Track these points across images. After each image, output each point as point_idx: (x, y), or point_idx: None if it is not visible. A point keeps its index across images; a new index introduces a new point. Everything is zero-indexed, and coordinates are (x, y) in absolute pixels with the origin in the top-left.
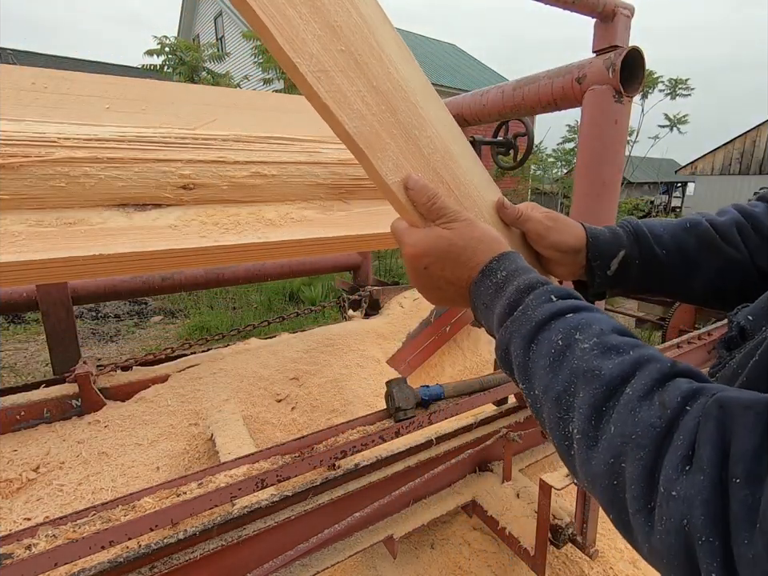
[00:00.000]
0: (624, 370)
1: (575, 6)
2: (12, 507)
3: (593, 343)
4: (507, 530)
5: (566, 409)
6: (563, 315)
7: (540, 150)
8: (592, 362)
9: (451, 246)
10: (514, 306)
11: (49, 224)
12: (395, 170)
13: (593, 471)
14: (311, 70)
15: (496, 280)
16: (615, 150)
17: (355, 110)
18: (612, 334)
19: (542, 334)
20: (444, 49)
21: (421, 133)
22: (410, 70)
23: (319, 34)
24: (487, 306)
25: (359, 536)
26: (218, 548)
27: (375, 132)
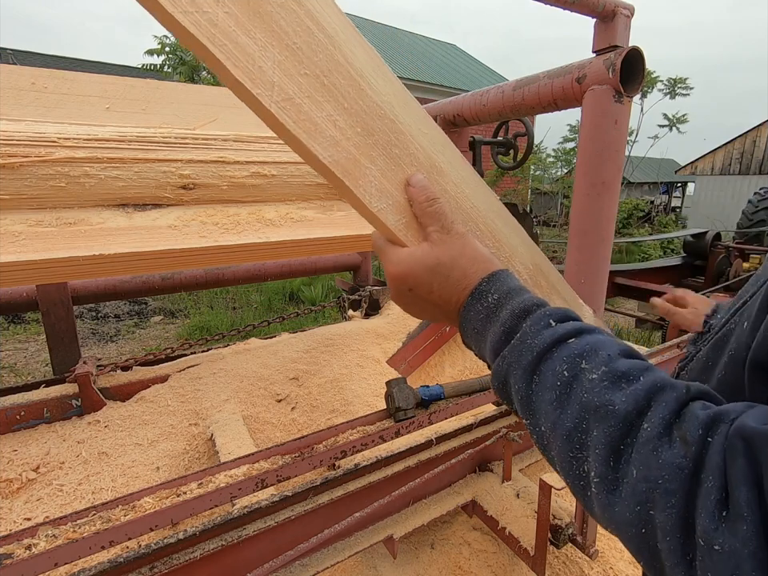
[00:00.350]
0: (638, 402)
1: (575, 6)
2: (12, 507)
3: (601, 373)
4: (507, 530)
5: (578, 447)
6: (565, 341)
7: (540, 150)
8: (603, 395)
9: (439, 266)
10: (509, 333)
11: (49, 224)
12: (379, 195)
13: (617, 518)
14: (275, 101)
15: (487, 304)
16: (615, 149)
17: (328, 138)
18: (620, 358)
19: (544, 364)
20: (444, 49)
21: (402, 151)
22: (383, 81)
23: (279, 59)
24: (478, 331)
25: (359, 536)
26: (218, 548)
27: (353, 158)
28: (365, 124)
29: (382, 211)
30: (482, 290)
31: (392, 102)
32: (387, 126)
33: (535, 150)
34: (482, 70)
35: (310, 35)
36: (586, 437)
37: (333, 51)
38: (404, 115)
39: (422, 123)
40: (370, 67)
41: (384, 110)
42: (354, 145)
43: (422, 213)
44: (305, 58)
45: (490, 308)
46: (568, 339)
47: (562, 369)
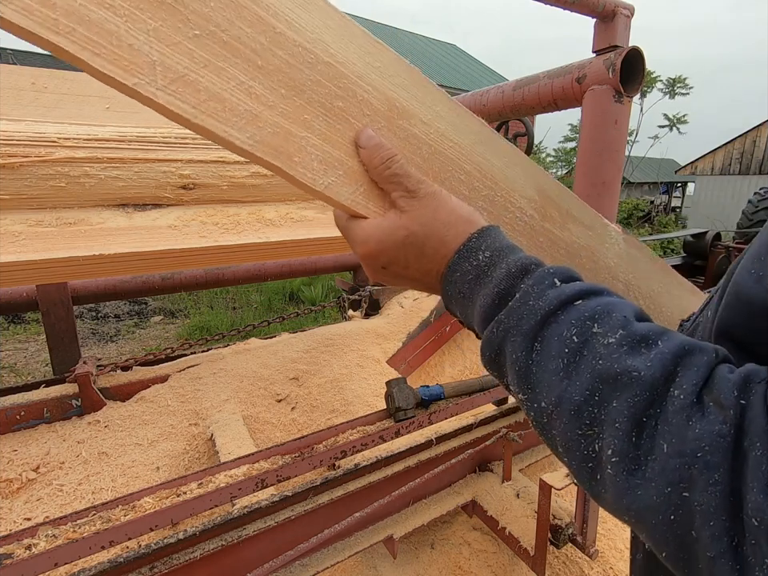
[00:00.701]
0: (666, 366)
1: (575, 6)
2: (12, 507)
3: (619, 336)
4: (507, 530)
5: (589, 423)
6: (572, 303)
7: (540, 150)
8: (624, 360)
9: (410, 237)
10: (505, 295)
11: (49, 224)
12: (324, 168)
13: (639, 504)
14: (161, 87)
15: (477, 262)
16: (615, 149)
17: (243, 114)
18: (636, 321)
19: (548, 328)
20: (444, 49)
21: (348, 101)
22: (306, 12)
23: (154, 25)
24: (465, 295)
25: (359, 536)
26: (218, 548)
27: (281, 131)
28: (290, 80)
29: (332, 186)
30: (471, 247)
31: (324, 39)
32: (322, 74)
33: (535, 149)
34: (482, 70)
35: None
36: (599, 410)
37: None
38: (344, 50)
39: (370, 53)
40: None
41: (314, 52)
42: (281, 113)
43: (379, 178)
44: (190, 13)
45: (481, 267)
46: (575, 301)
47: (570, 334)
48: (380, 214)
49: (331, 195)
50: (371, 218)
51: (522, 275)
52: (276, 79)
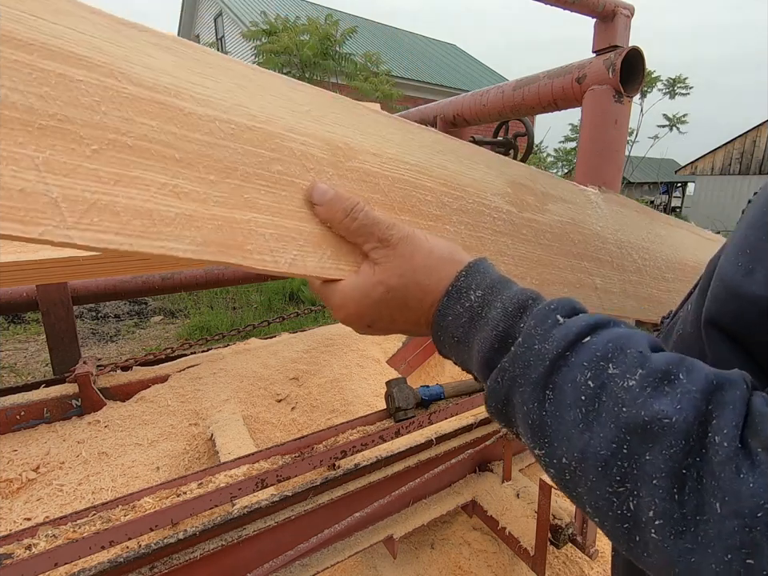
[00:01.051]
0: (698, 408)
1: (575, 6)
2: (12, 507)
3: (640, 377)
4: (507, 530)
5: (620, 479)
6: (580, 341)
7: (541, 150)
8: (650, 405)
9: (390, 293)
10: (504, 336)
11: None
12: (282, 245)
13: (697, 573)
14: (71, 225)
15: (470, 303)
16: (615, 149)
17: (175, 220)
18: (652, 354)
19: (559, 374)
20: (444, 49)
21: (286, 163)
22: (217, 79)
23: (43, 157)
24: (460, 340)
25: (359, 536)
26: (218, 548)
27: (223, 223)
28: (216, 162)
29: (296, 261)
30: (461, 287)
31: (240, 102)
32: (249, 142)
33: (536, 149)
34: (482, 70)
35: (62, 82)
36: (630, 464)
37: (110, 84)
38: (265, 107)
39: (294, 99)
40: (178, 67)
41: (233, 121)
42: (217, 202)
43: (347, 232)
44: (81, 128)
45: (474, 308)
46: (584, 338)
47: (584, 378)
48: (353, 270)
49: (297, 271)
50: (346, 278)
51: (521, 313)
52: (201, 167)
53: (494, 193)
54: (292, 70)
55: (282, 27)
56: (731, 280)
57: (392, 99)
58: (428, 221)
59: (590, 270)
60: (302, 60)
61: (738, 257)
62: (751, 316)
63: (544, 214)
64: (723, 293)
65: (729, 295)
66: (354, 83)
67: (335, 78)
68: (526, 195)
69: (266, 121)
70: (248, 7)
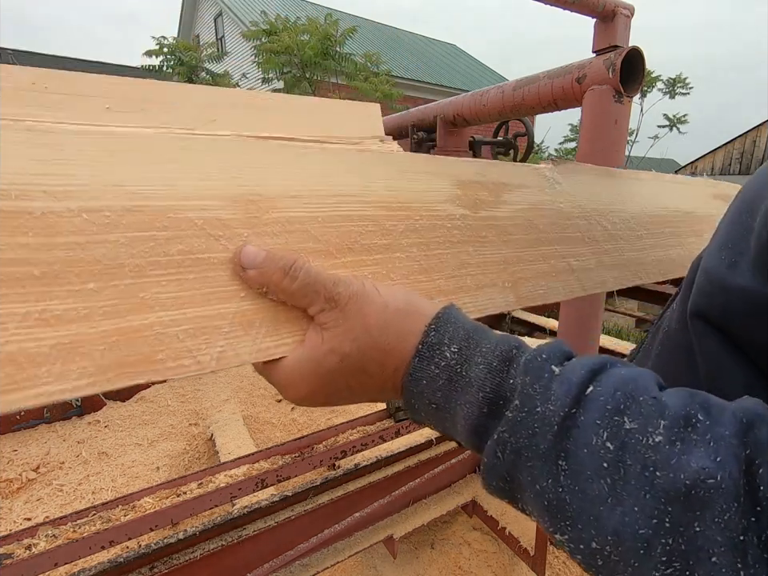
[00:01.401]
0: (738, 457)
1: (575, 6)
2: (12, 507)
3: (665, 430)
4: (507, 530)
5: (666, 560)
6: (584, 393)
7: (542, 150)
8: (687, 464)
9: (344, 360)
10: (494, 398)
11: None
12: (203, 340)
13: None
14: None
15: (446, 362)
16: (615, 150)
17: (50, 357)
18: (664, 395)
19: (571, 439)
20: (444, 49)
21: (187, 238)
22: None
23: None
24: (439, 406)
25: (359, 536)
26: (218, 548)
27: (120, 337)
28: (92, 265)
29: (225, 353)
30: (433, 344)
31: (107, 178)
32: (133, 226)
33: (536, 149)
34: (482, 69)
35: None
36: (676, 540)
37: None
38: (147, 177)
39: (179, 159)
40: (15, 158)
41: (106, 206)
42: (104, 313)
43: (287, 296)
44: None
45: (452, 366)
46: (586, 389)
47: (601, 440)
48: (299, 340)
49: (230, 364)
50: (289, 353)
51: (507, 367)
52: (73, 277)
53: (443, 200)
54: (292, 70)
55: (282, 27)
56: (716, 273)
57: (392, 99)
58: (374, 254)
59: (562, 252)
60: (303, 60)
61: (721, 251)
62: (737, 307)
63: (501, 208)
64: (708, 285)
65: (715, 288)
66: (354, 83)
67: (335, 77)
68: (478, 192)
69: (150, 195)
70: (248, 7)
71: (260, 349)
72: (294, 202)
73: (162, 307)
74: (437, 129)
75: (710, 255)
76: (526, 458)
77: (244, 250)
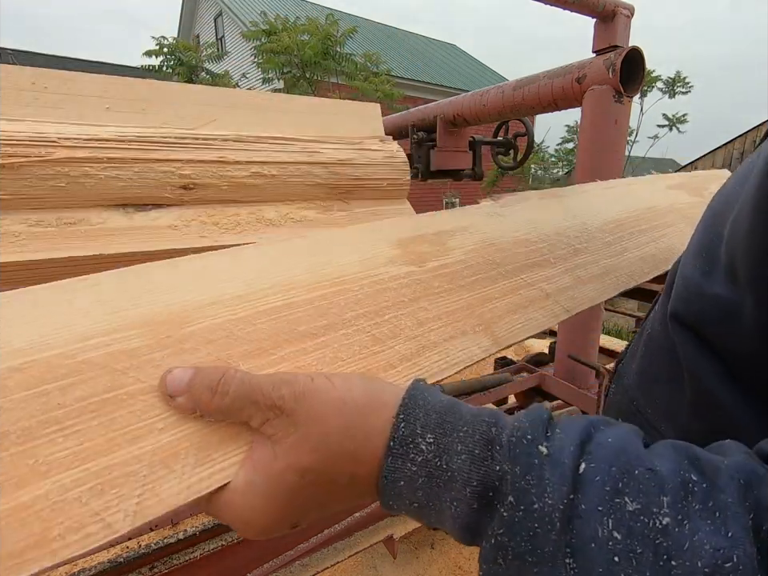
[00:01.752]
0: (746, 527)
1: (575, 6)
2: None
3: (669, 507)
4: None
5: None
6: (578, 473)
7: (542, 150)
8: (701, 547)
9: (307, 476)
10: (483, 492)
11: (49, 224)
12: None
13: None
14: None
15: (423, 457)
16: (615, 150)
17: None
18: (655, 460)
19: (574, 534)
20: (444, 49)
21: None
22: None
23: None
24: (422, 505)
25: (359, 536)
26: (217, 548)
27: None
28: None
29: (145, 504)
30: (404, 439)
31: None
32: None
33: (536, 149)
34: (482, 69)
35: None
36: None
37: None
38: (26, 329)
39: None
40: None
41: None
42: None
43: (223, 414)
44: None
45: (429, 461)
46: (579, 467)
47: (606, 530)
48: (241, 460)
49: (152, 514)
50: (233, 479)
51: (491, 452)
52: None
53: (382, 264)
54: (292, 70)
55: (281, 27)
56: (692, 279)
57: (392, 99)
58: (315, 339)
59: (530, 279)
60: (303, 60)
61: (696, 258)
62: (712, 314)
63: (450, 254)
64: (685, 292)
65: (691, 294)
66: (354, 83)
67: (335, 77)
68: (419, 246)
69: (41, 346)
70: (248, 7)
71: (191, 485)
72: (214, 309)
73: (59, 469)
74: (437, 129)
75: (686, 261)
76: (530, 564)
77: (168, 377)
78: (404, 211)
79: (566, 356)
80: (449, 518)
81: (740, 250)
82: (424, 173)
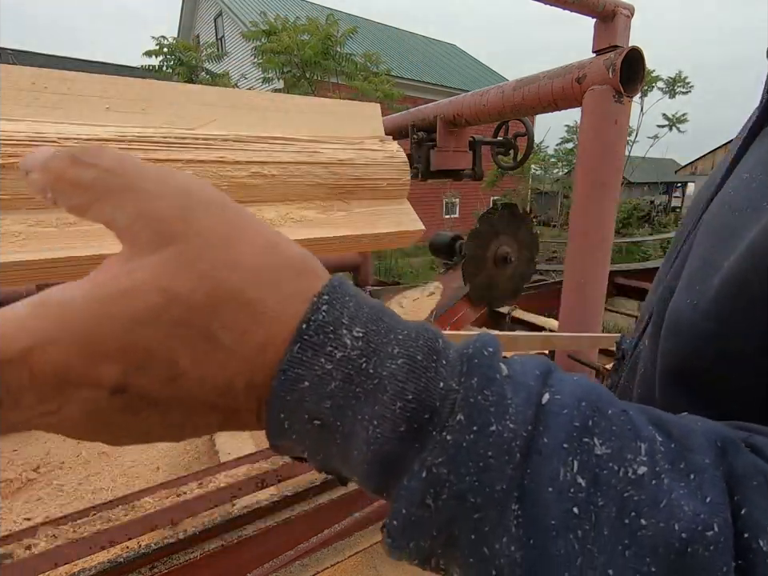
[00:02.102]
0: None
1: (575, 6)
2: (12, 507)
3: (647, 455)
4: None
5: None
6: (541, 403)
7: (542, 150)
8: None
9: (171, 307)
10: (419, 413)
11: (49, 224)
12: None
13: None
14: None
15: (343, 353)
16: (615, 150)
17: None
18: (631, 412)
19: (527, 474)
20: (444, 49)
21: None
22: None
23: None
24: (325, 422)
25: (359, 536)
26: (217, 548)
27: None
28: None
29: None
30: (325, 324)
31: None
32: None
33: (536, 149)
34: (482, 69)
35: None
36: None
37: None
38: None
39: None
40: None
41: None
42: None
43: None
44: None
45: (353, 362)
46: (542, 398)
47: (571, 474)
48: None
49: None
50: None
51: (434, 363)
52: None
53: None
54: (292, 70)
55: (281, 27)
56: (682, 314)
57: (392, 99)
58: None
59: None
60: (303, 60)
61: (687, 293)
62: (707, 352)
63: None
64: (675, 332)
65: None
66: (354, 83)
67: (335, 77)
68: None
69: None
70: (248, 7)
71: None
72: None
73: None
74: (437, 129)
75: (679, 297)
76: (471, 507)
77: (29, 154)
78: (404, 211)
79: (566, 356)
80: (359, 445)
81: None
82: (424, 173)
